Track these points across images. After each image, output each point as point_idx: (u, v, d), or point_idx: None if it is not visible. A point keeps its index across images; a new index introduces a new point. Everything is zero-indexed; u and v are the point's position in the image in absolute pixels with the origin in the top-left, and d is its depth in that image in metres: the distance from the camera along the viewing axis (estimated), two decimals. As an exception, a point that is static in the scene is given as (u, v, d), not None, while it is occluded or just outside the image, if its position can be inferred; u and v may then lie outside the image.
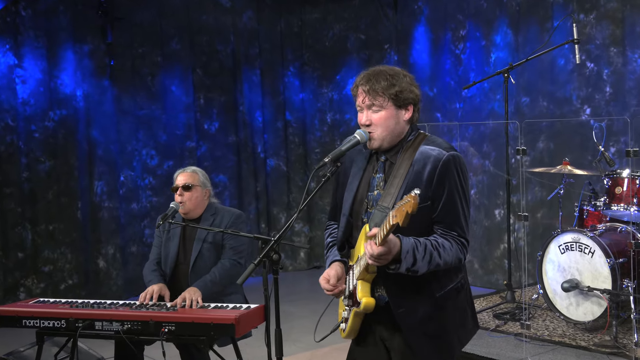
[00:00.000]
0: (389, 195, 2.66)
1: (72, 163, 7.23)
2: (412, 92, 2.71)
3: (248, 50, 8.62)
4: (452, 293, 2.74)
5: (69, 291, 7.15)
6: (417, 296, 2.68)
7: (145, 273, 4.25)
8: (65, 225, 7.19)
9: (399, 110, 2.70)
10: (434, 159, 2.64)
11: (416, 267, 2.56)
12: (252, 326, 3.73)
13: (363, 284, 2.70)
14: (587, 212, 5.42)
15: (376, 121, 2.70)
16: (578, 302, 5.11)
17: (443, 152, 2.66)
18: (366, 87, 2.69)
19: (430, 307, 2.69)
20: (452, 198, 2.64)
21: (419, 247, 2.55)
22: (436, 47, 7.93)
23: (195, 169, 4.35)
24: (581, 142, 6.55)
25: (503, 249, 7.02)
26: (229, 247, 4.20)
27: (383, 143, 2.72)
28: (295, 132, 8.98)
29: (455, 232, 2.66)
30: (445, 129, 7.65)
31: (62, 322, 3.74)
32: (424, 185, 2.62)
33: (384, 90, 2.67)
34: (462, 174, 2.68)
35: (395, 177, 2.68)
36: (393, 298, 2.69)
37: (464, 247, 2.68)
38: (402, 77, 2.70)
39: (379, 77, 2.68)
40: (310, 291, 7.79)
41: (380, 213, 2.64)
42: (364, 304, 2.67)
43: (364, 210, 2.77)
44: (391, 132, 2.71)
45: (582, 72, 6.56)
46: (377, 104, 2.68)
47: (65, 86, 7.21)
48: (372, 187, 2.77)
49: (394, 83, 2.67)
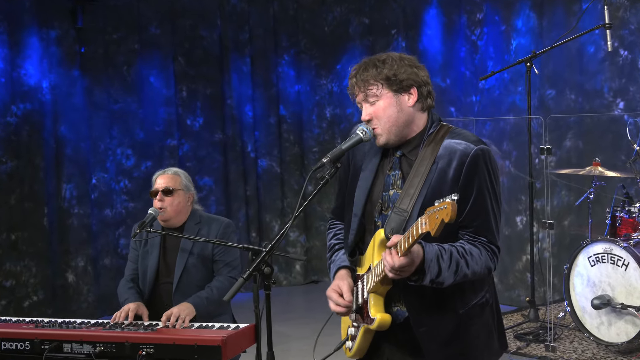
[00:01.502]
0: (407, 196, 2.64)
1: (38, 164, 7.23)
2: (411, 73, 2.67)
3: (237, 35, 8.63)
4: (477, 309, 2.72)
5: (34, 309, 7.14)
6: (439, 313, 2.65)
7: (120, 291, 4.24)
8: (30, 234, 7.18)
9: (399, 96, 2.68)
10: (461, 153, 2.62)
11: (441, 278, 2.53)
12: (241, 349, 3.73)
13: (376, 297, 2.68)
14: (620, 219, 5.42)
15: (376, 113, 2.69)
16: (610, 321, 5.12)
17: (471, 145, 2.63)
18: (354, 79, 2.70)
19: (454, 326, 2.67)
20: (481, 199, 2.62)
21: (443, 255, 2.53)
22: (449, 32, 7.94)
23: (177, 170, 4.36)
24: (613, 140, 6.56)
25: (525, 261, 7.03)
26: (223, 263, 4.19)
27: (390, 136, 2.70)
28: (290, 129, 8.99)
29: (484, 237, 2.63)
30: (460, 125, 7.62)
31: (26, 344, 3.72)
32: (449, 184, 2.60)
33: (374, 78, 2.66)
34: (492, 171, 2.66)
35: (416, 175, 2.65)
36: (415, 315, 2.66)
37: (494, 255, 2.66)
38: (395, 59, 2.68)
39: (367, 65, 2.68)
40: (306, 309, 7.79)
41: (397, 217, 2.62)
42: (379, 322, 2.64)
43: (378, 211, 2.76)
44: (395, 122, 2.69)
45: (614, 61, 6.57)
46: (371, 93, 2.67)
47: (29, 77, 7.21)
48: (387, 186, 2.75)
49: (384, 67, 2.65)
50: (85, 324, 3.86)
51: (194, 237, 4.10)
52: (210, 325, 3.80)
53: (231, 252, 4.19)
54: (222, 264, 4.19)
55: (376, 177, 2.79)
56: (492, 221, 2.65)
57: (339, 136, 8.91)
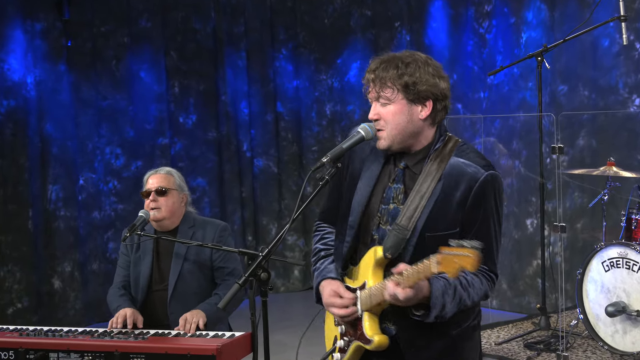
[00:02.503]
0: (409, 213, 2.65)
1: (22, 163, 7.23)
2: (432, 84, 2.66)
3: (232, 28, 8.64)
4: (469, 331, 2.79)
5: (18, 316, 7.15)
6: (431, 334, 2.69)
7: (111, 299, 4.23)
8: (14, 238, 7.18)
9: (412, 106, 2.67)
10: (470, 178, 2.64)
11: (444, 312, 2.58)
12: (237, 358, 3.74)
13: (371, 317, 2.72)
14: (636, 222, 5.43)
15: (384, 116, 2.69)
16: (625, 329, 5.12)
17: (481, 170, 2.65)
18: (372, 75, 2.68)
19: (446, 347, 2.72)
20: (486, 226, 2.67)
21: (448, 290, 2.58)
22: (456, 25, 7.95)
23: (170, 169, 4.36)
24: (629, 138, 6.56)
25: (536, 266, 7.04)
26: (227, 271, 4.19)
27: (393, 144, 2.71)
28: (288, 127, 8.99)
29: (486, 266, 2.67)
30: (468, 123, 7.67)
31: (9, 353, 3.73)
32: (455, 207, 2.64)
33: (392, 80, 2.65)
34: (499, 199, 2.70)
35: (419, 192, 2.67)
36: (404, 335, 2.71)
37: (493, 284, 2.72)
38: (420, 65, 2.66)
39: (389, 63, 2.66)
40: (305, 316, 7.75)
41: (396, 235, 2.64)
42: (377, 344, 2.68)
43: (376, 225, 2.77)
44: (402, 132, 2.69)
45: (630, 55, 6.58)
46: (384, 95, 2.67)
47: (13, 72, 7.21)
48: (387, 199, 2.76)
49: (406, 72, 2.64)
50: (73, 332, 3.87)
51: (188, 240, 4.10)
52: (205, 333, 3.82)
53: (232, 257, 4.18)
54: (226, 271, 4.18)
55: (375, 187, 2.79)
56: (494, 249, 2.71)
57: (339, 134, 8.91)
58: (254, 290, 2.79)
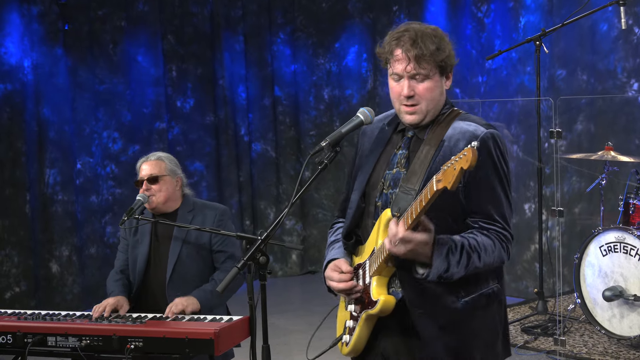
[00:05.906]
0: (414, 174, 2.63)
1: (19, 147, 7.22)
2: (453, 56, 2.71)
3: (229, 12, 8.60)
4: (481, 300, 2.69)
5: (16, 300, 7.16)
6: (439, 296, 2.63)
7: (108, 284, 4.23)
8: (11, 222, 7.18)
9: (442, 80, 2.71)
10: (470, 134, 2.63)
11: (449, 273, 2.53)
12: (235, 342, 3.75)
13: (379, 279, 2.66)
14: (634, 207, 5.44)
15: (421, 92, 2.67)
16: (622, 314, 5.14)
17: (481, 128, 2.66)
18: (413, 52, 2.62)
19: (455, 312, 2.65)
20: (490, 182, 2.64)
21: (453, 249, 2.53)
22: (454, 9, 7.93)
23: (160, 154, 4.32)
24: (627, 123, 6.56)
25: (534, 251, 7.06)
26: (226, 255, 4.16)
27: (427, 117, 2.71)
28: (286, 111, 8.98)
29: (497, 224, 2.63)
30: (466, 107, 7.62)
31: (8, 337, 3.74)
32: None
33: (433, 56, 2.64)
34: (502, 156, 2.68)
35: (423, 153, 2.66)
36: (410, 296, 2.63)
37: (508, 244, 2.66)
38: (445, 38, 2.69)
39: (425, 39, 2.63)
40: (303, 300, 7.81)
41: (405, 195, 2.60)
42: (382, 304, 2.61)
43: (379, 192, 2.75)
44: (436, 105, 2.71)
45: (628, 40, 6.56)
46: (423, 72, 2.65)
47: (9, 55, 7.19)
48: (391, 165, 2.76)
49: (441, 47, 2.65)
50: (70, 316, 3.88)
51: (186, 225, 4.09)
52: (202, 317, 3.81)
53: (232, 241, 4.16)
54: (225, 255, 4.16)
55: (381, 158, 2.80)
56: (504, 206, 2.66)
57: (337, 119, 8.90)
58: (252, 274, 2.77)
